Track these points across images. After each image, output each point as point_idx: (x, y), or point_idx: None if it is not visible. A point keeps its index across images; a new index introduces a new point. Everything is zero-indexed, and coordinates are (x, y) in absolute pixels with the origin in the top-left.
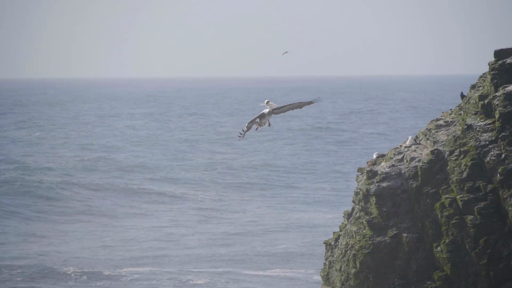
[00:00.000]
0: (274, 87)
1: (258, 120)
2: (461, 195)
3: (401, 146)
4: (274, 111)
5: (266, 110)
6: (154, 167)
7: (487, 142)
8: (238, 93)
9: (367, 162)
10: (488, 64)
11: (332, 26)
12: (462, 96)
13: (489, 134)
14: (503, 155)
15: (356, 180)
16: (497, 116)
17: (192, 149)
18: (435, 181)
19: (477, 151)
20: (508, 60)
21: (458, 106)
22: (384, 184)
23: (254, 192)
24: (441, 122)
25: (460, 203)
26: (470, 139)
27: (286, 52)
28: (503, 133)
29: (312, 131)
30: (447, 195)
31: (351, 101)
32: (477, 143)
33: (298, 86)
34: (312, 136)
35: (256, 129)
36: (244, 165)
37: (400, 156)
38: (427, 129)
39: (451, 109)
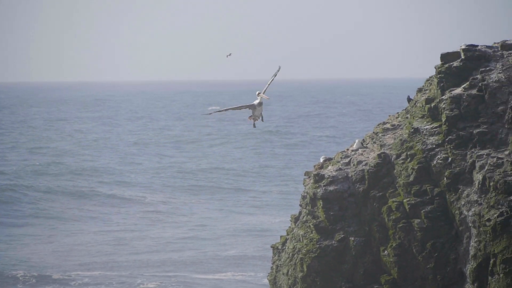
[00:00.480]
0: (223, 91)
1: (251, 113)
2: (408, 199)
3: (348, 149)
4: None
5: (256, 102)
6: (104, 171)
7: (434, 146)
8: (187, 97)
9: (314, 166)
10: (435, 68)
11: (280, 31)
12: (409, 99)
13: (436, 137)
14: (449, 159)
15: (303, 184)
16: (443, 119)
17: (141, 153)
18: (382, 185)
19: (424, 155)
20: (455, 64)
21: (405, 109)
22: (331, 188)
23: (204, 196)
24: (388, 125)
25: (407, 207)
26: (416, 142)
27: (230, 54)
28: (450, 137)
29: (262, 134)
30: (394, 199)
31: (299, 104)
32: (424, 146)
33: (246, 89)
34: (261, 139)
35: (254, 126)
36: (194, 168)
37: (347, 160)
38: (374, 132)
39: (397, 113)
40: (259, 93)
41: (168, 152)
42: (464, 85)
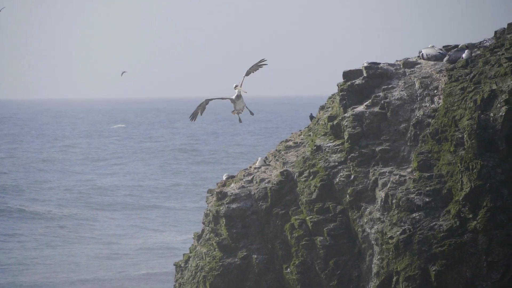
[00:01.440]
0: (127, 109)
1: (233, 107)
2: (311, 216)
3: (250, 167)
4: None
5: (234, 96)
6: (11, 188)
7: (336, 163)
8: (92, 115)
9: (217, 184)
10: (337, 85)
11: (184, 48)
12: (311, 117)
13: (338, 155)
14: (352, 176)
15: (206, 201)
16: (346, 137)
17: (48, 169)
18: (284, 202)
19: (327, 172)
20: (357, 81)
21: (308, 127)
22: (234, 206)
23: (111, 213)
24: (291, 143)
25: (309, 224)
26: (319, 160)
27: (124, 72)
28: (352, 154)
29: (169, 152)
30: (296, 216)
31: (205, 122)
32: (326, 164)
33: (152, 107)
34: (168, 157)
35: (240, 121)
36: (103, 185)
37: (249, 178)
38: (276, 150)
39: (300, 130)
40: (236, 86)
41: (75, 169)
42: (367, 102)
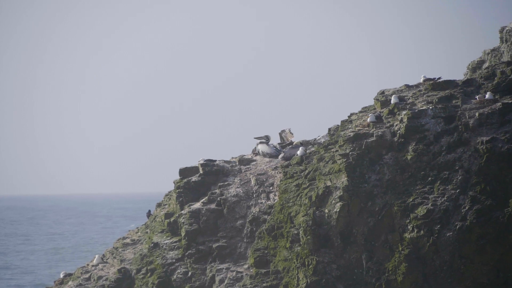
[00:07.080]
0: None
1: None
2: None
3: (88, 264)
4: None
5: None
6: None
7: (174, 260)
8: None
9: (55, 282)
10: (174, 182)
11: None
12: (149, 214)
13: (176, 252)
14: (189, 273)
15: None
16: (183, 234)
17: None
18: None
19: (164, 269)
20: (193, 179)
21: (145, 224)
22: None
23: None
24: (128, 240)
25: None
26: (157, 257)
27: None
28: (190, 251)
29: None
30: None
31: (62, 218)
32: (164, 261)
33: (6, 205)
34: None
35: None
36: None
37: (87, 275)
38: (114, 247)
39: (137, 227)
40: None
41: None
42: (203, 199)
